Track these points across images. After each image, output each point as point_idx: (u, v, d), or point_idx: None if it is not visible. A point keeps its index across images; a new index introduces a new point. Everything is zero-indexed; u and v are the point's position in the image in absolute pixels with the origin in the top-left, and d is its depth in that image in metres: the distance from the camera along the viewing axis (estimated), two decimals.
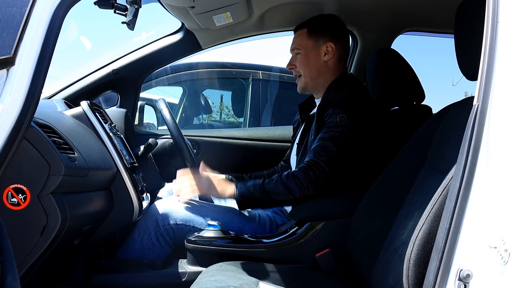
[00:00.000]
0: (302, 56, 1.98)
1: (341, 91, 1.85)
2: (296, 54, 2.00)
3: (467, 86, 3.23)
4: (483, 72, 1.02)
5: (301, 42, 1.99)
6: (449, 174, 1.14)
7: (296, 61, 2.01)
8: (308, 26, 2.00)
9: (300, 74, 2.00)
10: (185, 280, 1.67)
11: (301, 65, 1.99)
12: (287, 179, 1.75)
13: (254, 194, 1.78)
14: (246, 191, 1.80)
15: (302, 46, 1.99)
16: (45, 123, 1.36)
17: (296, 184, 1.72)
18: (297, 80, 2.03)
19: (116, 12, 1.47)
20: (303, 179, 1.72)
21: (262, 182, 1.79)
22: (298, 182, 1.72)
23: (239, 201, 1.82)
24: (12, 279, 0.87)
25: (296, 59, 2.01)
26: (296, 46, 2.00)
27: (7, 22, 1.10)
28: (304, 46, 1.98)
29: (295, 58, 2.01)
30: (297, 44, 2.00)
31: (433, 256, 1.03)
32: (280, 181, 1.75)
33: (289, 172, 1.78)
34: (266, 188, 1.77)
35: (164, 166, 2.17)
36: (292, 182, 1.73)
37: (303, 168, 1.74)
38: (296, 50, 2.00)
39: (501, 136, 0.99)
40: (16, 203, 1.20)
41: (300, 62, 1.99)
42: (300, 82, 2.01)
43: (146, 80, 2.71)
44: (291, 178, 1.74)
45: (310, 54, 1.98)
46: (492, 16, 1.03)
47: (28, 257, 1.24)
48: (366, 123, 1.80)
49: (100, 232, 1.69)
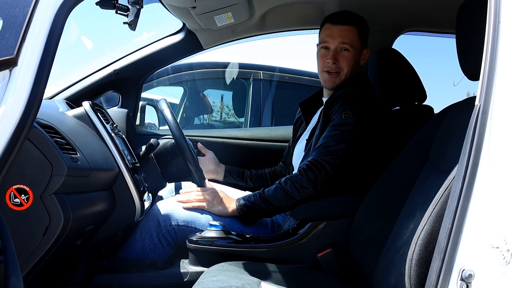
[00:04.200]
0: (352, 54, 1.91)
1: (347, 88, 1.85)
2: (343, 49, 1.91)
3: (468, 86, 3.23)
4: (485, 72, 1.02)
5: (354, 40, 1.91)
6: (451, 174, 1.14)
7: (341, 56, 1.91)
8: (358, 25, 1.93)
9: (339, 71, 1.92)
10: (187, 280, 1.67)
11: (347, 63, 1.91)
12: (285, 184, 1.76)
13: (255, 205, 1.80)
14: (247, 203, 1.82)
15: (354, 44, 1.91)
16: (48, 123, 1.36)
17: (295, 187, 1.73)
18: (333, 76, 1.92)
19: (117, 12, 1.47)
20: (302, 181, 1.73)
21: (262, 192, 1.80)
22: (297, 184, 1.73)
23: (242, 215, 1.83)
24: (16, 280, 0.87)
25: (341, 54, 1.91)
26: (349, 42, 1.90)
27: (9, 23, 1.11)
28: (355, 45, 1.92)
29: (340, 53, 1.91)
30: (349, 40, 1.90)
31: (435, 256, 1.03)
32: (279, 187, 1.76)
33: (287, 177, 1.79)
34: (266, 196, 1.78)
35: (166, 167, 2.17)
36: (291, 186, 1.74)
37: (302, 170, 1.75)
38: (346, 45, 1.90)
39: (503, 136, 0.99)
40: (18, 203, 1.20)
41: (347, 60, 1.91)
42: (338, 79, 1.92)
43: (147, 80, 2.71)
44: (289, 182, 1.75)
45: (357, 55, 1.93)
46: (494, 16, 1.03)
47: (31, 257, 1.25)
48: (371, 121, 1.80)
49: (102, 232, 1.69)
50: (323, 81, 1.96)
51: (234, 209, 1.84)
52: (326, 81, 1.95)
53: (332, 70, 1.92)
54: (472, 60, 1.21)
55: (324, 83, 1.97)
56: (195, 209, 1.94)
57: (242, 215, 1.83)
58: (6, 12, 1.12)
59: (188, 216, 1.89)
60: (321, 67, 1.96)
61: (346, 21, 1.92)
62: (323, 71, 1.94)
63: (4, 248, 0.94)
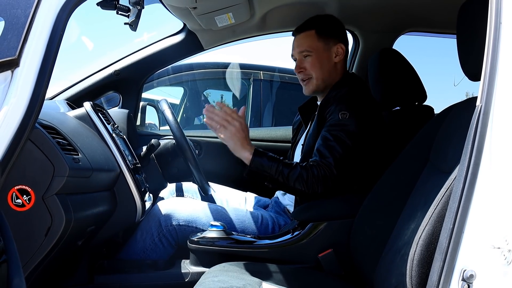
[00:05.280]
0: (314, 58, 1.93)
1: (342, 89, 1.85)
2: (305, 56, 1.94)
3: (468, 86, 3.23)
4: (486, 72, 1.02)
5: (311, 43, 1.93)
6: (452, 175, 1.14)
7: (305, 63, 1.94)
8: (315, 27, 1.95)
9: (310, 77, 1.94)
10: (188, 280, 1.68)
11: (313, 67, 1.93)
12: (304, 169, 1.70)
13: (270, 169, 1.71)
14: (263, 162, 1.72)
15: (312, 48, 1.93)
16: (49, 124, 1.36)
17: (310, 178, 1.68)
18: (305, 83, 1.96)
19: (118, 13, 1.47)
20: (317, 176, 1.68)
21: (281, 161, 1.72)
22: (313, 177, 1.68)
23: (251, 167, 1.73)
24: (19, 280, 0.87)
25: (305, 61, 1.94)
26: (306, 48, 1.93)
27: (11, 24, 1.11)
28: (315, 48, 1.93)
29: (303, 60, 1.95)
30: (306, 46, 1.93)
31: (436, 257, 1.03)
32: (299, 169, 1.70)
33: (307, 164, 1.73)
34: (283, 169, 1.70)
35: (167, 167, 2.18)
36: (308, 175, 1.68)
37: (317, 166, 1.70)
38: (305, 52, 1.93)
39: (505, 137, 0.99)
40: (20, 204, 1.21)
41: (312, 65, 1.93)
42: (311, 85, 1.95)
43: (148, 80, 2.72)
44: (308, 171, 1.70)
45: (322, 56, 1.93)
46: (495, 17, 1.03)
47: (33, 258, 1.25)
48: (368, 121, 1.80)
49: (103, 232, 1.69)
50: (303, 90, 2.01)
51: (247, 158, 1.73)
52: (303, 89, 2.00)
53: (302, 79, 1.98)
54: (473, 61, 1.21)
55: (304, 92, 2.01)
56: (196, 208, 1.94)
57: (250, 169, 1.74)
58: (8, 13, 1.12)
59: (189, 216, 1.90)
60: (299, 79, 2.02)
61: (302, 29, 1.97)
62: (300, 81, 2.00)
63: (6, 249, 0.94)
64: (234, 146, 1.73)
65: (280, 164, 1.71)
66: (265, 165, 1.71)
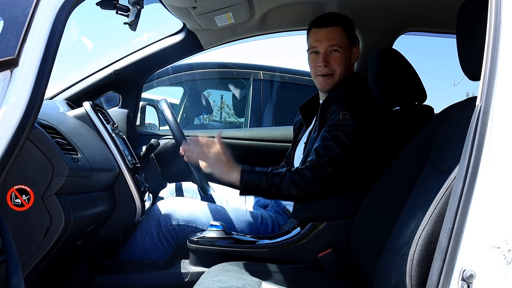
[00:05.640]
0: (342, 54, 1.91)
1: (343, 89, 1.85)
2: (333, 51, 1.91)
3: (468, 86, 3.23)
4: (486, 72, 1.02)
5: (342, 40, 1.91)
6: (451, 174, 1.14)
7: (331, 58, 1.91)
8: (343, 25, 1.93)
9: (333, 73, 1.91)
10: (188, 280, 1.68)
11: (339, 64, 1.91)
12: (295, 174, 1.70)
13: (260, 183, 1.71)
14: (252, 178, 1.72)
15: (342, 44, 1.91)
16: (48, 124, 1.36)
17: (304, 181, 1.68)
18: (326, 78, 1.92)
19: (118, 13, 1.47)
20: (311, 178, 1.68)
21: (270, 172, 1.72)
22: (306, 180, 1.68)
23: (243, 187, 1.72)
24: (17, 280, 0.87)
25: (331, 56, 1.91)
26: (337, 43, 1.90)
27: (10, 23, 1.11)
28: (344, 45, 1.91)
29: (330, 55, 1.91)
30: (337, 41, 1.90)
31: (436, 256, 1.03)
32: (289, 175, 1.70)
33: (297, 168, 1.74)
34: (274, 179, 1.70)
35: (166, 167, 2.17)
36: (301, 178, 1.68)
37: (310, 167, 1.70)
38: (335, 47, 1.90)
39: (504, 137, 0.99)
40: (19, 204, 1.21)
41: (339, 61, 1.91)
42: (331, 81, 1.92)
43: (147, 80, 2.72)
44: (300, 174, 1.70)
45: (347, 54, 1.93)
46: (494, 16, 1.03)
47: (32, 257, 1.25)
48: (369, 121, 1.80)
49: (102, 232, 1.69)
50: (318, 85, 1.97)
51: (236, 179, 1.73)
52: (321, 84, 1.95)
53: (325, 73, 1.92)
54: (473, 60, 1.21)
55: (320, 87, 1.97)
56: (195, 208, 1.94)
57: (243, 187, 1.73)
58: (7, 12, 1.12)
59: (189, 216, 1.89)
60: (314, 72, 1.96)
61: (331, 23, 1.93)
62: (317, 75, 1.94)
63: (5, 249, 0.94)
64: (220, 172, 1.72)
65: (269, 174, 1.71)
66: (255, 180, 1.71)
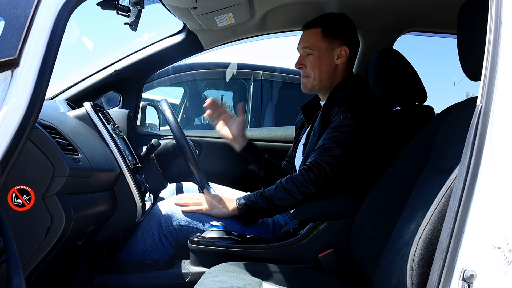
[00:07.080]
0: (315, 57, 1.91)
1: (346, 91, 1.85)
2: (307, 54, 1.93)
3: (468, 86, 3.23)
4: (486, 72, 1.02)
5: (315, 42, 1.91)
6: (452, 175, 1.14)
7: (306, 61, 1.93)
8: (322, 25, 1.92)
9: (308, 75, 1.93)
10: (188, 280, 1.67)
11: (312, 66, 1.92)
12: (286, 183, 1.76)
13: (256, 204, 1.79)
14: (248, 202, 1.80)
15: (315, 47, 1.91)
16: (49, 124, 1.36)
17: (296, 187, 1.73)
18: (303, 79, 1.96)
19: (118, 13, 1.47)
20: (303, 181, 1.73)
21: (262, 191, 1.79)
22: (298, 184, 1.73)
23: (243, 215, 1.82)
24: (18, 280, 0.87)
25: (306, 59, 1.93)
26: (308, 46, 1.91)
27: (11, 24, 1.11)
28: (317, 47, 1.91)
29: (305, 57, 1.94)
30: (309, 43, 1.91)
31: (436, 256, 1.03)
32: (280, 186, 1.76)
33: (288, 177, 1.78)
34: (267, 195, 1.77)
35: (167, 167, 2.17)
36: (292, 185, 1.74)
37: (303, 170, 1.75)
38: (307, 50, 1.92)
39: (505, 137, 0.99)
40: (20, 204, 1.21)
41: (312, 64, 1.91)
42: (307, 83, 1.95)
43: (148, 80, 2.72)
44: (290, 181, 1.75)
45: (323, 57, 1.91)
46: (495, 17, 1.03)
47: (33, 258, 1.25)
48: (370, 123, 1.80)
49: (103, 232, 1.69)
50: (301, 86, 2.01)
51: (235, 209, 1.82)
52: (301, 85, 2.00)
53: (302, 75, 1.97)
54: (473, 61, 1.21)
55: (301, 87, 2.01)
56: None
57: (243, 214, 1.82)
58: (7, 12, 1.12)
59: (189, 216, 1.89)
60: None
61: (309, 25, 1.95)
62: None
63: (6, 249, 0.94)
64: (219, 211, 1.84)
65: (262, 192, 1.78)
66: (249, 203, 1.79)
